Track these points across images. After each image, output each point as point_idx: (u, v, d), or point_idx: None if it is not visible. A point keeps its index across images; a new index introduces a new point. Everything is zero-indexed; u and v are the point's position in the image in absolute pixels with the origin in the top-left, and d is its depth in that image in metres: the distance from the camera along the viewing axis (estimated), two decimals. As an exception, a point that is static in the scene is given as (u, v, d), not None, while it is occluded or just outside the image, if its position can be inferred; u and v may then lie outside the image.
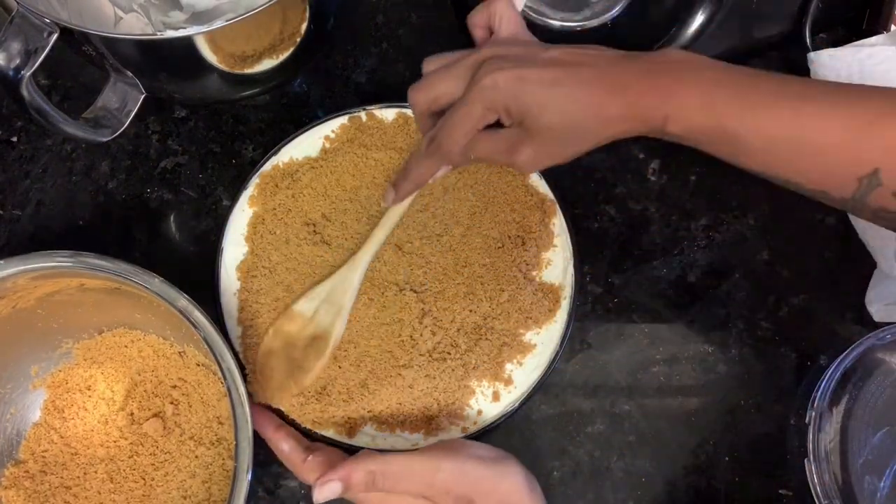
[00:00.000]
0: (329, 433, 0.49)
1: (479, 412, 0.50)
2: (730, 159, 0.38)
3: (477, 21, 0.45)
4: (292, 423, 0.49)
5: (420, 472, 0.40)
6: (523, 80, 0.38)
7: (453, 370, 0.49)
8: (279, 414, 0.49)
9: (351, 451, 0.45)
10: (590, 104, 0.38)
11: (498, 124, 0.41)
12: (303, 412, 0.49)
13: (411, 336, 0.50)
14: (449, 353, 0.50)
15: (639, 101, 0.37)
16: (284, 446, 0.46)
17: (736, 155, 0.37)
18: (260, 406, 0.49)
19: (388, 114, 0.54)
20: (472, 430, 0.49)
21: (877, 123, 0.34)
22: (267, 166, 0.53)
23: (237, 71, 0.47)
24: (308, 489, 0.52)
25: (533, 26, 0.56)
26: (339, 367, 0.49)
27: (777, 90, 0.36)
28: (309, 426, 0.49)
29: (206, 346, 0.43)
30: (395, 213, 0.50)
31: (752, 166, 0.38)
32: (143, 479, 0.49)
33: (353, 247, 0.51)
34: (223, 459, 0.49)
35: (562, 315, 0.51)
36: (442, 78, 0.42)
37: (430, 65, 0.44)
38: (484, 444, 0.44)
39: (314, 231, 0.52)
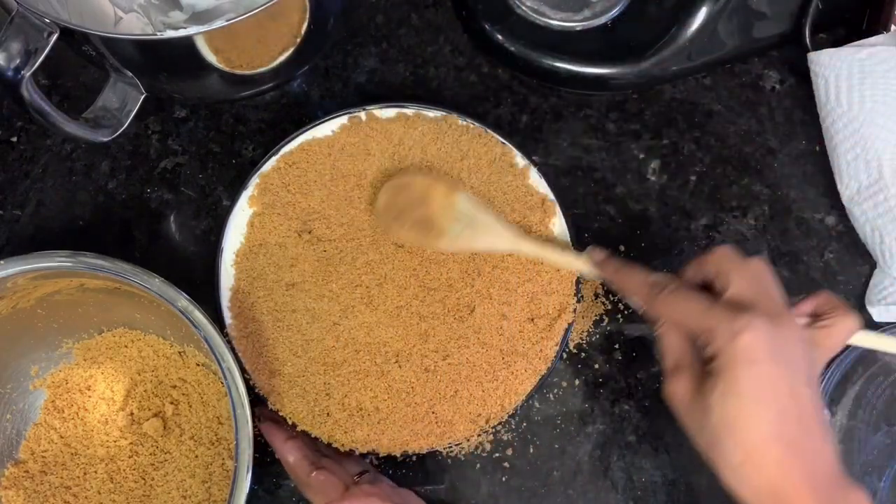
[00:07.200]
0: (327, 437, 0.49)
1: (479, 414, 0.50)
2: None
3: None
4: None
5: None
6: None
7: (455, 370, 0.49)
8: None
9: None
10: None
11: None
12: (314, 425, 0.49)
13: (414, 335, 0.50)
14: (451, 353, 0.50)
15: None
16: (290, 458, 0.46)
17: None
18: (272, 415, 0.49)
19: (388, 114, 0.54)
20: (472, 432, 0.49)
21: None
22: (267, 166, 0.53)
23: (237, 71, 0.47)
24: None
25: (533, 26, 0.57)
26: (338, 374, 0.49)
27: None
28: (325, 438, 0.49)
29: (206, 346, 0.43)
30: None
31: None
32: (143, 479, 0.49)
33: (353, 247, 0.51)
34: (223, 459, 0.49)
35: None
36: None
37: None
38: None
39: (314, 231, 0.52)
